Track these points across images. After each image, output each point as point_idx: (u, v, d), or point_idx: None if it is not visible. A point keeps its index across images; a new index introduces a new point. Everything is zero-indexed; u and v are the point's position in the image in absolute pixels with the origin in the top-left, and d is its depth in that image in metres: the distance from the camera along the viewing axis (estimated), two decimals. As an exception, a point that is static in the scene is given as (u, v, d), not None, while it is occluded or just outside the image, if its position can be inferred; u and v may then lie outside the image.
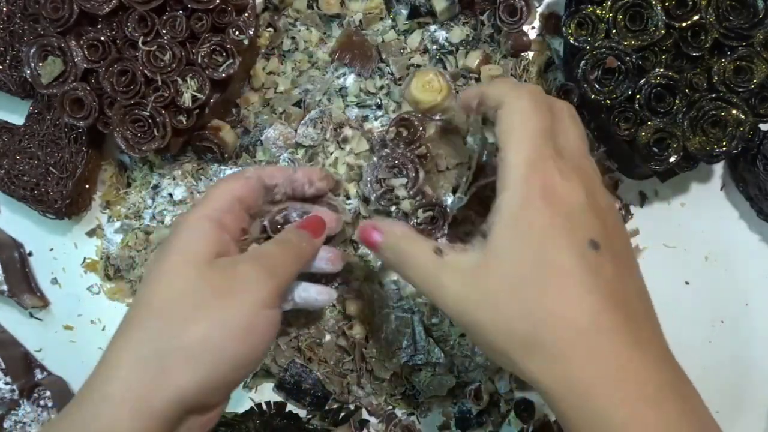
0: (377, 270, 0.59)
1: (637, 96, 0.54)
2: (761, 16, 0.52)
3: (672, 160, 0.54)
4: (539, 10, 0.62)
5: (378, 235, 0.42)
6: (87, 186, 0.63)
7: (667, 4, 0.53)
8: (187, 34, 0.55)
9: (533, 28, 0.62)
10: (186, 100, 0.55)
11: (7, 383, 0.61)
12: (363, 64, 0.60)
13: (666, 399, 0.34)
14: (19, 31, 0.60)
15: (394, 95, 0.60)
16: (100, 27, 0.55)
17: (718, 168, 0.62)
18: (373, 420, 0.61)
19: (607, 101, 0.54)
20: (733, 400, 0.60)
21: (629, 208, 0.62)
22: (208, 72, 0.55)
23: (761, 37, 0.53)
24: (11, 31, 0.61)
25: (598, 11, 0.53)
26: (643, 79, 0.53)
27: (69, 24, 0.54)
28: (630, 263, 0.38)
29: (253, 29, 0.56)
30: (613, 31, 0.53)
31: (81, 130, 0.60)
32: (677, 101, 0.54)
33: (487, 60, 0.59)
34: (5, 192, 0.61)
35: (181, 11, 0.55)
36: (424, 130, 0.51)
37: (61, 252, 0.65)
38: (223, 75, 0.55)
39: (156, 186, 0.62)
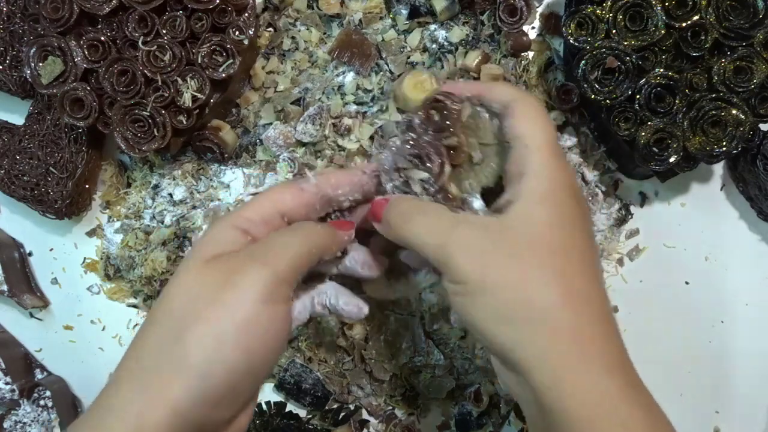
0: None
1: (637, 96, 0.54)
2: (761, 16, 0.52)
3: (672, 160, 0.54)
4: (539, 10, 0.62)
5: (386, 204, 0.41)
6: (87, 186, 0.63)
7: (667, 4, 0.53)
8: (187, 34, 0.55)
9: (533, 28, 0.62)
10: (186, 100, 0.55)
11: (7, 383, 0.61)
12: (362, 62, 0.60)
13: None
14: (19, 31, 0.60)
15: (390, 92, 0.60)
16: (100, 27, 0.55)
17: (718, 168, 0.62)
18: (373, 420, 0.61)
19: (607, 101, 0.54)
20: (733, 400, 0.60)
21: (629, 208, 0.62)
22: (208, 72, 0.55)
23: (761, 37, 0.53)
24: (11, 31, 0.61)
25: (598, 11, 0.53)
26: (643, 79, 0.53)
27: (69, 24, 0.55)
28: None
29: (253, 29, 0.56)
30: (613, 31, 0.53)
31: (81, 130, 0.60)
32: (677, 101, 0.54)
33: (486, 59, 0.59)
34: (5, 192, 0.61)
35: (181, 11, 0.55)
36: (458, 116, 0.42)
37: (61, 252, 0.65)
38: (223, 75, 0.55)
39: (156, 186, 0.62)
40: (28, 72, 0.56)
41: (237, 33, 0.55)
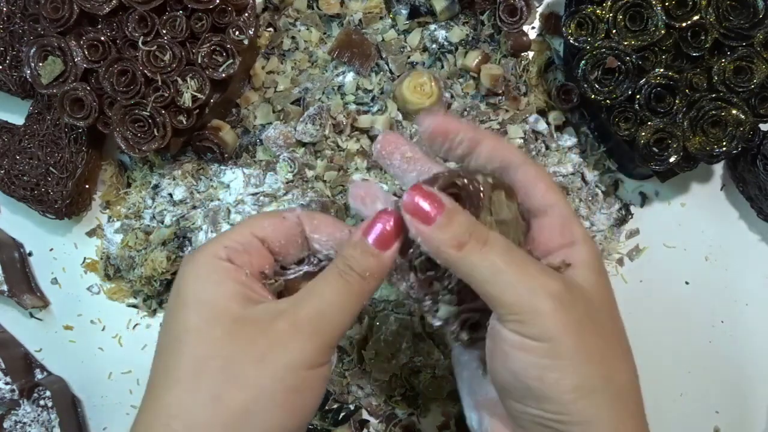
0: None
1: (637, 96, 0.54)
2: (761, 16, 0.52)
3: (672, 160, 0.54)
4: (539, 10, 0.62)
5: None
6: (87, 186, 0.63)
7: (667, 4, 0.53)
8: (187, 34, 0.55)
9: (533, 28, 0.62)
10: (186, 100, 0.55)
11: (7, 383, 0.61)
12: (362, 62, 0.60)
13: None
14: (19, 31, 0.60)
15: (390, 92, 0.60)
16: (100, 27, 0.55)
17: (718, 168, 0.62)
18: (373, 420, 0.61)
19: (607, 101, 0.54)
20: (733, 400, 0.60)
21: (629, 208, 0.62)
22: (208, 72, 0.55)
23: (761, 37, 0.53)
24: (11, 31, 0.61)
25: (598, 11, 0.53)
26: (643, 79, 0.53)
27: (69, 24, 0.54)
28: None
29: (253, 29, 0.56)
30: (613, 31, 0.53)
31: (81, 130, 0.60)
32: (677, 101, 0.54)
33: (486, 59, 0.59)
34: (5, 192, 0.61)
35: (181, 11, 0.55)
36: (483, 197, 0.37)
37: (61, 252, 0.65)
38: (223, 75, 0.55)
39: (156, 186, 0.62)
40: (28, 72, 0.56)
41: (237, 33, 0.55)
